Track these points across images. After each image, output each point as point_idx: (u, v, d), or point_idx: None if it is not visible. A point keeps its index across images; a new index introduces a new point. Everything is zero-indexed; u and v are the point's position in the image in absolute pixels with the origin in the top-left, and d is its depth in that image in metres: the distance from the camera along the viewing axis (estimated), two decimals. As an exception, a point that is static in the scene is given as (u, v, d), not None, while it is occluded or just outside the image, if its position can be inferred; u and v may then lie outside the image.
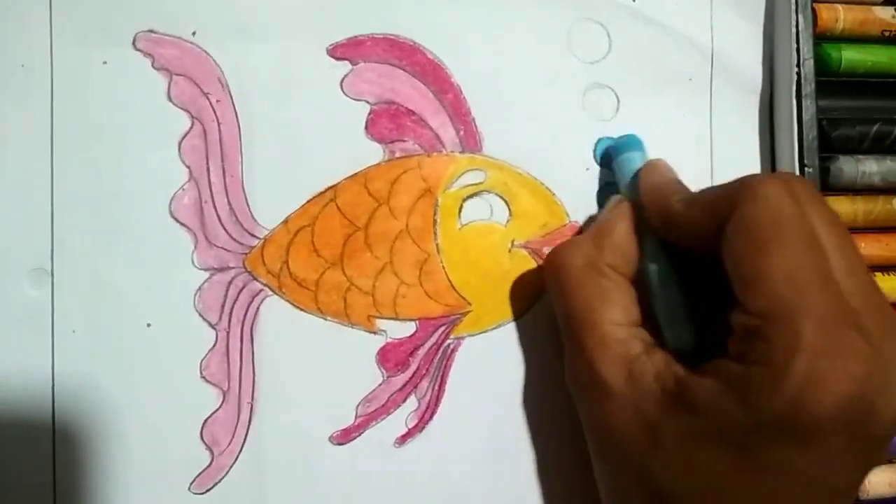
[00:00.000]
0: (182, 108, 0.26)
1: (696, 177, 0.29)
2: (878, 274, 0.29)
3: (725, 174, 0.29)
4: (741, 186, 0.21)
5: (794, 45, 0.28)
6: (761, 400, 0.19)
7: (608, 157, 0.27)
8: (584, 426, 0.24)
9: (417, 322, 0.27)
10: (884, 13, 0.29)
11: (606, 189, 0.28)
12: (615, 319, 0.23)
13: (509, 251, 0.28)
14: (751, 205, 0.20)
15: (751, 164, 0.29)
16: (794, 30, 0.28)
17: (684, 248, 0.23)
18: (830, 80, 0.29)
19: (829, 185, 0.28)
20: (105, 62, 0.26)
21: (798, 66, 0.28)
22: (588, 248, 0.24)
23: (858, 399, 0.19)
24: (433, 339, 0.27)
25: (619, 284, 0.23)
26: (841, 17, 0.29)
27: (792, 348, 0.19)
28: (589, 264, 0.23)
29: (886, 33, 0.29)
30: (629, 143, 0.27)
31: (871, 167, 0.28)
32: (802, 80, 0.28)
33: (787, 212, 0.20)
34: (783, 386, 0.19)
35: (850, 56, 0.29)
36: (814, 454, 0.19)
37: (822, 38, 0.29)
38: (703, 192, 0.23)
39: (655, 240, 0.24)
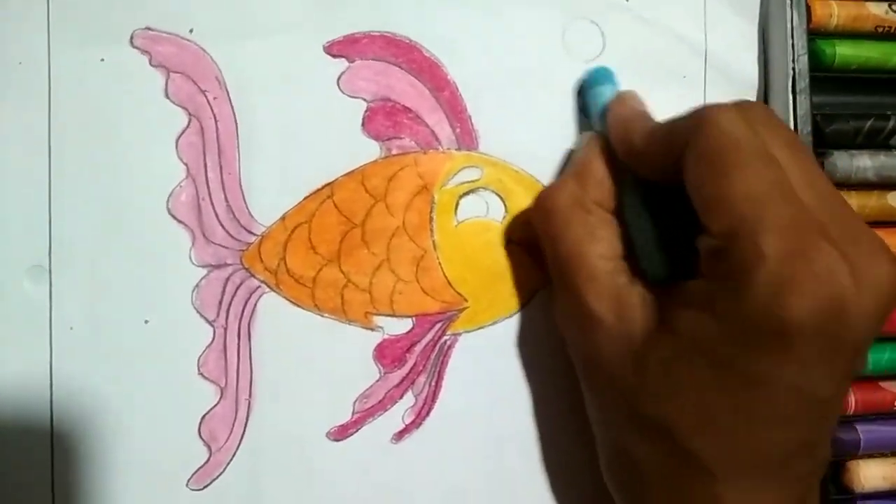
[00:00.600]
0: (179, 106, 0.26)
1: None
2: (873, 269, 0.29)
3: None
4: (695, 117, 0.21)
5: (789, 41, 0.28)
6: (730, 311, 0.19)
7: (582, 93, 0.27)
8: (576, 361, 0.24)
9: (414, 318, 0.27)
10: (877, 9, 0.29)
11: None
12: (603, 253, 0.23)
13: (505, 248, 0.28)
14: (705, 132, 0.20)
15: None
16: (788, 25, 0.28)
17: (656, 182, 0.23)
18: (824, 76, 0.29)
19: (823, 181, 0.28)
20: (102, 59, 0.26)
21: (793, 61, 0.28)
22: (572, 187, 0.24)
23: (828, 302, 0.19)
24: (430, 336, 0.27)
25: (603, 220, 0.24)
26: (835, 13, 0.29)
27: (755, 258, 0.19)
28: (574, 203, 0.24)
29: (880, 29, 0.29)
30: (599, 76, 0.27)
31: (865, 162, 0.28)
32: (797, 76, 0.28)
33: (743, 135, 0.20)
34: (749, 295, 0.19)
35: (844, 52, 0.29)
36: (790, 363, 0.19)
37: (816, 34, 0.29)
38: (660, 124, 0.23)
39: (628, 173, 0.24)
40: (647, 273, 0.23)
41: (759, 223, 0.19)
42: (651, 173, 0.23)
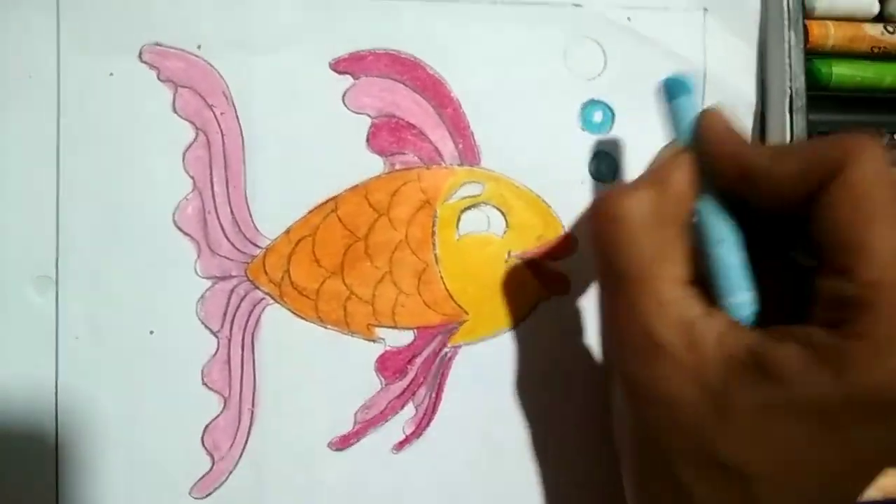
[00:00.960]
0: (187, 120, 0.27)
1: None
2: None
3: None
4: (846, 148, 0.19)
5: (787, 61, 0.29)
6: (859, 374, 0.18)
7: (664, 95, 0.24)
8: (630, 393, 0.21)
9: (416, 331, 0.28)
10: (873, 30, 0.30)
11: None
12: (676, 276, 0.20)
13: (506, 262, 0.28)
14: (860, 168, 0.19)
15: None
16: (786, 46, 0.29)
17: (749, 205, 0.21)
18: (821, 95, 0.29)
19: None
20: (111, 74, 0.27)
21: (790, 80, 0.29)
22: (649, 194, 0.21)
23: None
24: (431, 348, 0.28)
25: (677, 238, 0.21)
26: (831, 34, 0.29)
27: None
28: (651, 214, 0.21)
29: (876, 49, 0.30)
30: (681, 85, 0.23)
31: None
32: (794, 95, 0.29)
33: (893, 182, 0.19)
34: (886, 361, 0.17)
35: (841, 71, 0.29)
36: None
37: (814, 54, 0.29)
38: (792, 146, 0.21)
39: (715, 194, 0.22)
40: (725, 306, 0.21)
41: None
42: (763, 198, 0.21)
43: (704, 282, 0.21)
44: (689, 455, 0.20)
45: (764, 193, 0.21)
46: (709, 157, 0.21)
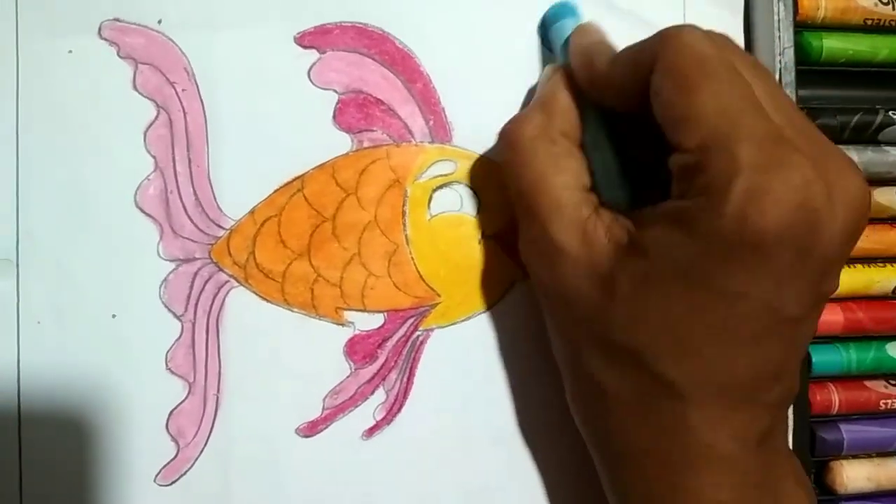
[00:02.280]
0: (148, 98, 0.26)
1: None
2: (858, 265, 0.27)
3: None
4: (661, 37, 0.21)
5: (776, 34, 0.27)
6: (705, 225, 0.19)
7: (545, 29, 0.27)
8: (540, 294, 0.24)
9: (386, 314, 0.27)
10: (866, 1, 0.28)
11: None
12: (567, 184, 0.22)
13: (479, 242, 0.27)
14: (673, 48, 0.20)
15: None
16: (774, 18, 0.27)
17: (617, 109, 0.23)
18: (811, 69, 0.28)
19: (807, 176, 0.27)
20: (71, 51, 0.25)
21: (779, 55, 0.27)
22: (537, 118, 0.23)
23: (803, 213, 0.18)
24: (402, 331, 0.27)
25: (569, 150, 0.23)
26: (822, 5, 0.28)
27: (731, 170, 0.18)
28: (539, 134, 0.23)
29: (869, 21, 0.28)
30: (562, 10, 0.26)
31: (852, 158, 0.27)
32: (783, 70, 0.27)
33: (710, 52, 0.20)
34: (725, 206, 0.18)
35: (832, 45, 0.28)
36: (764, 277, 0.19)
37: (803, 27, 0.28)
38: (624, 49, 0.22)
39: (590, 103, 0.24)
40: (609, 200, 0.23)
41: (733, 135, 0.19)
42: (615, 99, 0.23)
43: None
44: (593, 344, 0.22)
45: (612, 95, 0.23)
46: (574, 70, 0.24)
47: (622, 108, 0.23)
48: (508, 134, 0.24)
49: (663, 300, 0.20)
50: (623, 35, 0.27)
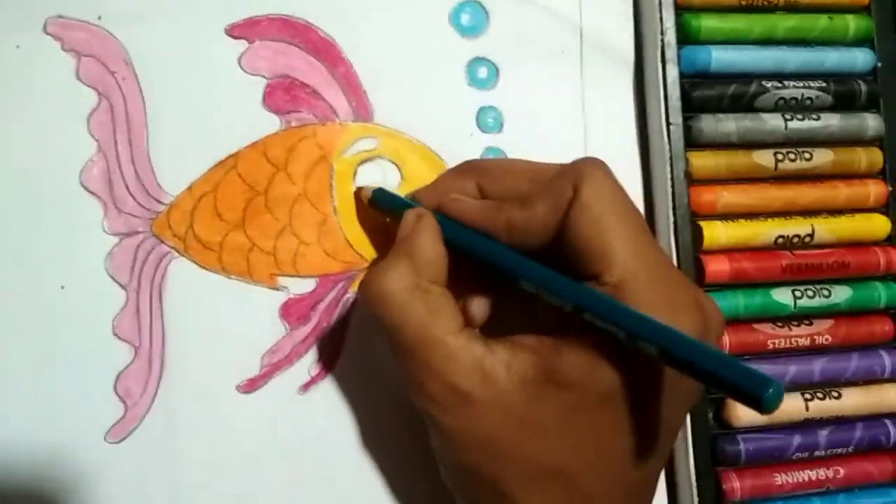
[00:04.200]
0: (90, 87, 0.27)
1: (572, 141, 0.30)
2: (741, 220, 0.30)
3: (598, 138, 0.30)
4: (575, 175, 0.22)
5: (658, 15, 0.30)
6: (630, 356, 0.20)
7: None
8: (446, 442, 0.22)
9: (318, 279, 0.29)
10: (740, -15, 0.31)
11: (488, 153, 0.30)
12: (450, 329, 0.22)
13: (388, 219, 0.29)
14: (588, 190, 0.22)
15: (619, 127, 0.30)
16: (657, 2, 0.30)
17: (531, 247, 0.23)
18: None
19: (691, 142, 0.30)
20: (18, 46, 0.27)
21: (661, 34, 0.30)
22: (403, 269, 0.23)
23: (702, 332, 0.21)
24: (333, 294, 0.29)
25: (442, 296, 0.23)
26: (701, -10, 0.31)
27: (646, 308, 0.20)
28: (409, 285, 0.22)
29: (743, 2, 0.31)
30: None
31: (729, 126, 0.30)
32: (665, 47, 0.30)
33: (621, 193, 0.22)
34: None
35: (709, 24, 0.30)
36: (681, 399, 0.22)
37: (684, 9, 0.30)
38: (534, 194, 0.23)
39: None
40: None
41: (645, 276, 0.21)
42: (534, 238, 0.23)
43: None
44: (519, 476, 0.21)
45: (532, 236, 0.23)
46: (474, 224, 0.24)
47: (537, 244, 0.23)
48: (376, 290, 0.22)
49: (594, 424, 0.21)
50: (526, 20, 0.30)
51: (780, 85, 0.31)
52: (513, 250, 0.23)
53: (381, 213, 0.28)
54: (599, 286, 0.21)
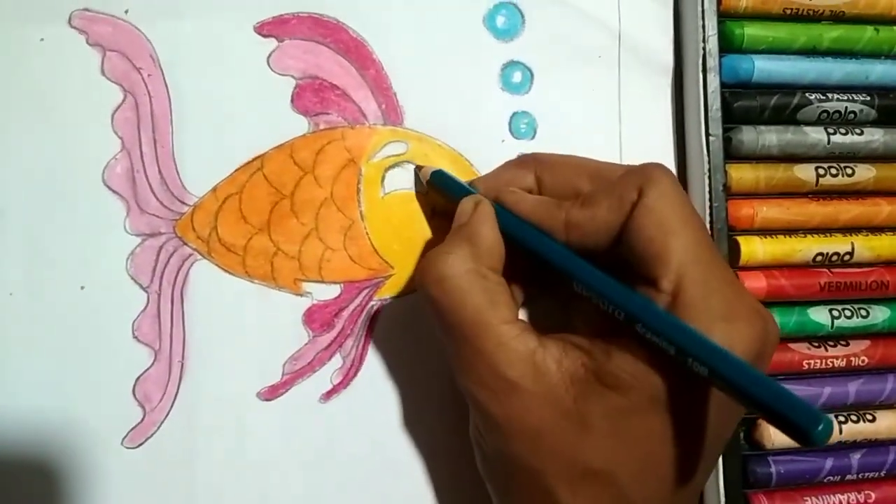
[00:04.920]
0: (115, 83, 0.27)
1: (606, 149, 0.29)
2: (780, 236, 0.29)
3: (633, 147, 0.29)
4: (643, 176, 0.22)
5: (700, 23, 0.29)
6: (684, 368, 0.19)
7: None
8: (490, 432, 0.22)
9: (342, 285, 0.28)
10: (785, -8, 0.30)
11: None
12: (506, 318, 0.22)
13: (429, 218, 0.28)
14: (654, 191, 0.21)
15: (656, 136, 0.29)
16: (699, 8, 0.29)
17: (588, 246, 0.23)
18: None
19: (731, 154, 0.29)
20: (42, 39, 0.26)
21: (703, 41, 0.29)
22: (464, 254, 0.22)
23: (759, 358, 0.20)
24: (357, 301, 0.28)
25: (500, 284, 0.23)
26: (744, -3, 0.29)
27: (705, 319, 0.19)
28: (470, 270, 0.22)
29: (788, 11, 0.30)
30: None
31: (770, 139, 0.29)
32: (707, 55, 0.29)
33: (681, 199, 0.22)
34: None
35: (752, 32, 0.29)
36: (729, 409, 0.21)
37: (726, 16, 0.29)
38: (596, 193, 0.23)
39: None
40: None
41: (706, 283, 0.20)
42: (593, 237, 0.22)
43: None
44: (561, 473, 0.21)
45: (590, 234, 0.22)
46: (526, 216, 0.24)
47: (594, 244, 0.22)
48: (433, 271, 0.22)
49: (642, 430, 0.20)
50: (563, 23, 0.29)
51: (823, 97, 0.29)
52: (568, 250, 0.23)
53: (437, 195, 0.27)
54: (656, 291, 0.21)
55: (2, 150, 0.26)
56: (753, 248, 0.28)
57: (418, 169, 0.28)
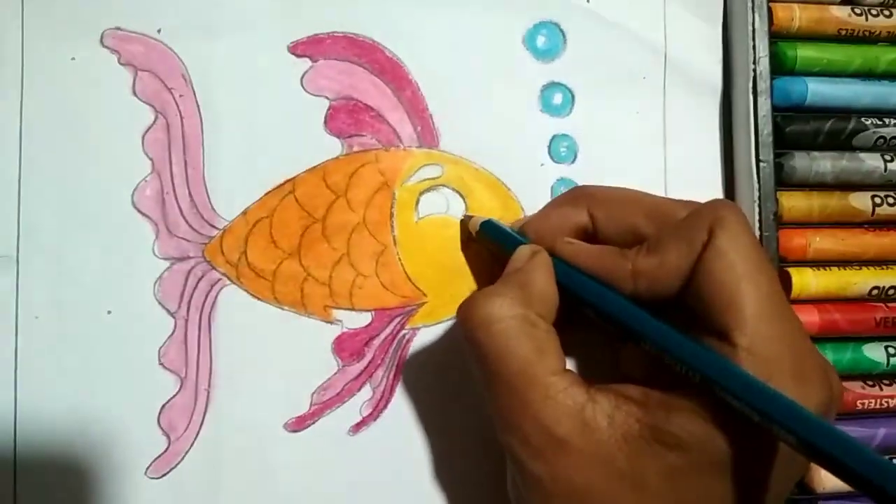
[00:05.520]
0: (146, 103, 0.26)
1: (650, 175, 0.28)
2: (833, 268, 0.27)
3: (679, 172, 0.28)
4: (713, 217, 0.20)
5: (751, 43, 0.27)
6: (748, 429, 0.18)
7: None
8: (530, 488, 0.20)
9: (373, 312, 0.27)
10: (840, 12, 0.28)
11: (560, 185, 0.27)
12: (554, 369, 0.20)
13: (464, 244, 0.27)
14: (726, 235, 0.20)
15: (703, 162, 0.28)
16: (749, 28, 0.27)
17: (655, 294, 0.21)
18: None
19: (782, 181, 0.27)
20: (73, 58, 0.26)
21: (753, 63, 0.27)
22: (515, 297, 0.21)
23: (825, 415, 0.19)
24: (389, 330, 0.27)
25: (549, 332, 0.21)
26: (797, 16, 0.28)
27: (775, 379, 0.18)
28: (519, 316, 0.21)
29: (843, 32, 0.28)
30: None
31: (824, 166, 0.27)
32: (758, 78, 0.27)
33: (753, 242, 0.20)
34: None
35: (806, 54, 0.28)
36: (790, 471, 0.20)
37: (778, 37, 0.28)
38: (662, 237, 0.21)
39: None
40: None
41: (778, 338, 0.19)
42: (662, 284, 0.21)
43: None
44: None
45: (660, 282, 0.21)
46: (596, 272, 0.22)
47: (662, 293, 0.21)
48: (479, 313, 0.21)
49: (701, 491, 0.19)
50: (606, 43, 0.28)
51: (880, 123, 0.28)
52: (634, 305, 0.21)
53: (486, 246, 0.26)
54: (729, 346, 0.19)
55: (32, 170, 0.25)
56: (806, 281, 0.27)
57: (467, 219, 0.26)
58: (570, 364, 0.26)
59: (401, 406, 0.26)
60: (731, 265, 0.19)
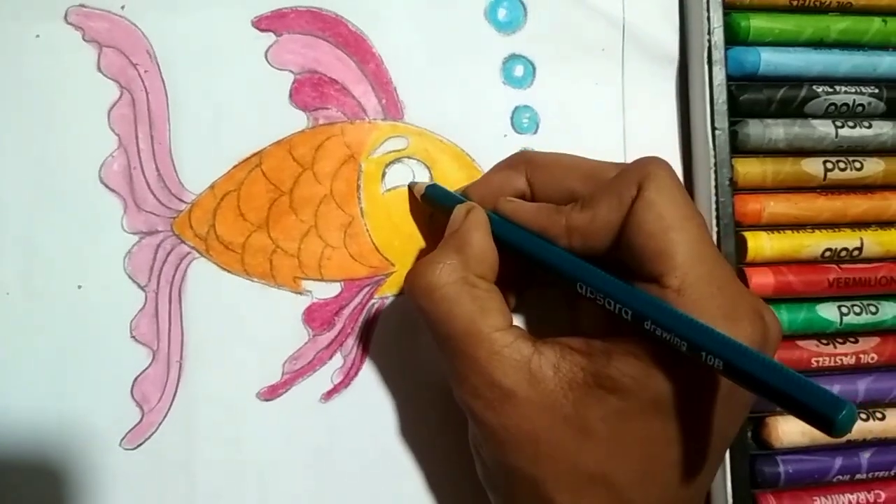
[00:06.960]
0: (112, 79, 0.26)
1: (610, 143, 0.28)
2: (787, 231, 0.28)
3: (637, 141, 0.28)
4: (641, 172, 0.21)
5: (705, 14, 0.28)
6: (684, 366, 0.19)
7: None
8: (487, 440, 0.21)
9: (342, 283, 0.27)
10: (791, -17, 0.29)
11: None
12: (498, 325, 0.21)
13: (430, 214, 0.27)
14: (653, 187, 0.20)
15: (661, 130, 0.28)
16: (704, 0, 0.28)
17: (590, 249, 0.22)
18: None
19: (737, 148, 0.28)
20: (38, 35, 0.26)
21: (708, 33, 0.28)
22: (453, 263, 0.22)
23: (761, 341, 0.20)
24: (358, 299, 0.27)
25: (491, 291, 0.22)
26: (750, -12, 0.28)
27: (708, 317, 0.19)
28: (459, 279, 0.21)
29: (794, 2, 0.29)
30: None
31: (777, 133, 0.28)
32: (712, 48, 0.28)
33: (681, 193, 0.21)
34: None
35: (758, 24, 0.28)
36: (736, 407, 0.21)
37: (732, 8, 0.28)
38: (595, 193, 0.22)
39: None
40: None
41: (708, 279, 0.20)
42: (594, 239, 0.22)
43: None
44: (561, 479, 0.20)
45: (592, 237, 0.22)
46: (531, 226, 0.23)
47: (596, 246, 0.22)
48: (422, 281, 0.22)
49: (644, 433, 0.20)
50: (565, 16, 0.28)
51: (831, 90, 0.29)
52: (570, 254, 0.22)
53: (432, 209, 0.27)
54: (660, 288, 0.20)
55: (-3, 148, 0.25)
56: (761, 244, 0.28)
57: (412, 185, 0.27)
58: (528, 323, 0.26)
59: (371, 373, 0.27)
60: (659, 215, 0.20)
